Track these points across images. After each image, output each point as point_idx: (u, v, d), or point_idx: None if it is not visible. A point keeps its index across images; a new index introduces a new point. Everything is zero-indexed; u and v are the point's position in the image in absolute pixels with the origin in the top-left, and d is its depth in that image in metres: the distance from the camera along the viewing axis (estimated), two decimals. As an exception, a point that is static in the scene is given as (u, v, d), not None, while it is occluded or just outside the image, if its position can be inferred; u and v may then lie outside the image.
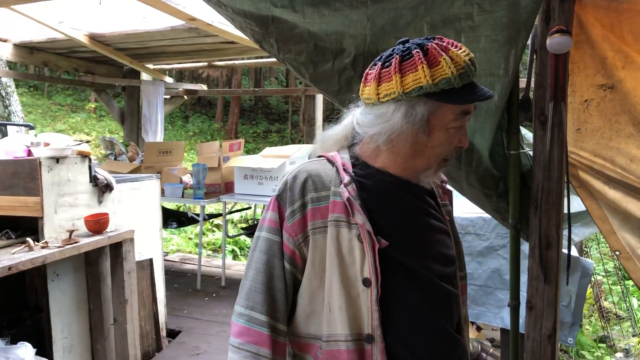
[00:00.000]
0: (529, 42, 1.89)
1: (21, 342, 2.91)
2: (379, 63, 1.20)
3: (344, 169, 1.23)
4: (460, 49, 1.15)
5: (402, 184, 1.25)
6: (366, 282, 1.16)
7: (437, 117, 1.16)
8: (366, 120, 1.23)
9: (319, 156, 1.33)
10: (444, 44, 1.16)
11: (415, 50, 1.14)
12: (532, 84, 1.94)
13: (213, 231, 8.84)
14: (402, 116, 1.16)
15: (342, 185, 1.20)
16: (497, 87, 1.81)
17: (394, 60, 1.16)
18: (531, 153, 1.98)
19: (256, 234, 1.28)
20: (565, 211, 1.92)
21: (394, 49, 1.20)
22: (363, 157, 1.27)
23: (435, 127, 1.17)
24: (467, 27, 1.80)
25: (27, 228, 3.32)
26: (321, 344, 1.19)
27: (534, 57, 1.93)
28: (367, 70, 1.24)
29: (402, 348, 1.19)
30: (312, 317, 1.22)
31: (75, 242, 3.08)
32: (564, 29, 1.72)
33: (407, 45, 1.18)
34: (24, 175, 3.12)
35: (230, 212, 6.96)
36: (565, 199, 1.91)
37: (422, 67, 1.12)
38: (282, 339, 1.22)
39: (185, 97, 8.03)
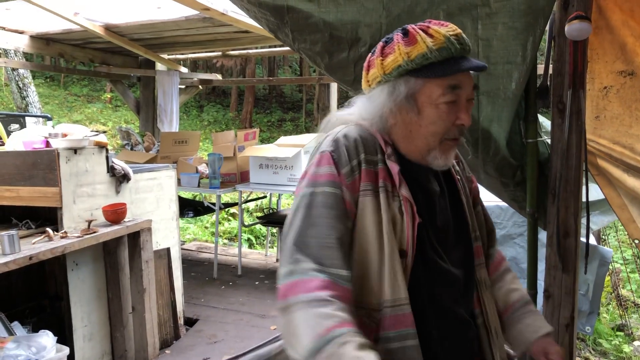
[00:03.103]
0: (547, 28, 1.87)
1: (43, 331, 2.96)
2: (370, 53, 1.25)
3: (384, 140, 1.22)
4: (445, 26, 1.16)
5: (414, 164, 1.24)
6: (402, 254, 1.16)
7: (423, 94, 1.16)
8: (360, 105, 1.26)
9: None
10: (428, 24, 1.17)
11: (397, 33, 1.19)
12: (550, 71, 1.92)
13: (229, 220, 8.89)
14: (386, 96, 1.19)
15: (386, 156, 1.20)
16: (515, 75, 1.79)
17: (378, 46, 1.22)
18: (549, 141, 1.96)
19: (308, 190, 1.17)
20: (584, 199, 1.90)
21: (386, 36, 1.23)
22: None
23: (424, 104, 1.17)
24: (484, 14, 1.78)
25: (46, 218, 3.37)
26: (383, 310, 1.15)
27: (552, 44, 1.90)
28: None
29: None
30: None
31: (94, 232, 3.12)
32: (582, 14, 1.69)
33: (396, 31, 1.20)
34: (43, 166, 3.15)
35: (246, 201, 6.99)
36: (584, 187, 1.89)
37: (399, 46, 1.15)
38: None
39: (200, 87, 8.05)
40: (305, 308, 1.04)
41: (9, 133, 4.01)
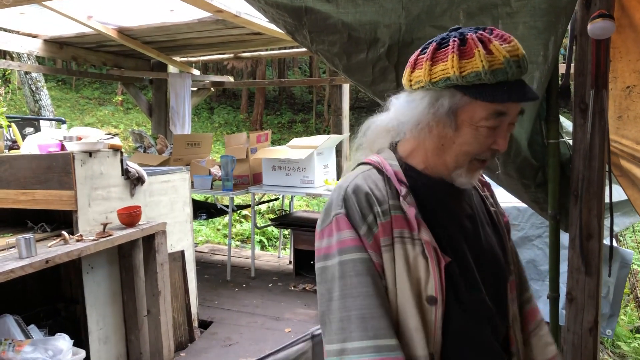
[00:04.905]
0: (569, 27, 1.84)
1: (59, 334, 2.97)
2: (419, 49, 1.15)
3: (398, 179, 1.16)
4: (509, 43, 1.05)
5: (444, 187, 1.19)
6: (431, 300, 1.10)
7: (465, 112, 1.08)
8: (399, 105, 1.18)
9: (362, 163, 1.23)
10: (490, 35, 1.06)
11: (454, 38, 1.08)
12: (572, 71, 1.89)
13: (241, 222, 8.90)
14: (426, 106, 1.10)
15: (401, 199, 1.13)
16: (536, 75, 1.76)
17: (430, 47, 1.11)
18: (571, 142, 1.92)
19: (335, 259, 1.11)
20: (607, 201, 1.87)
21: (441, 35, 1.13)
22: (406, 158, 1.21)
23: (464, 123, 1.09)
24: (504, 13, 1.75)
25: (62, 221, 3.38)
26: None
27: (574, 43, 1.87)
28: None
29: None
30: None
31: (109, 235, 3.12)
32: (605, 13, 1.66)
33: (452, 32, 1.11)
34: (58, 169, 3.16)
35: (259, 203, 6.99)
36: (607, 189, 1.86)
37: (453, 57, 1.05)
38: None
39: (212, 89, 8.06)
40: None
41: (24, 136, 4.03)
